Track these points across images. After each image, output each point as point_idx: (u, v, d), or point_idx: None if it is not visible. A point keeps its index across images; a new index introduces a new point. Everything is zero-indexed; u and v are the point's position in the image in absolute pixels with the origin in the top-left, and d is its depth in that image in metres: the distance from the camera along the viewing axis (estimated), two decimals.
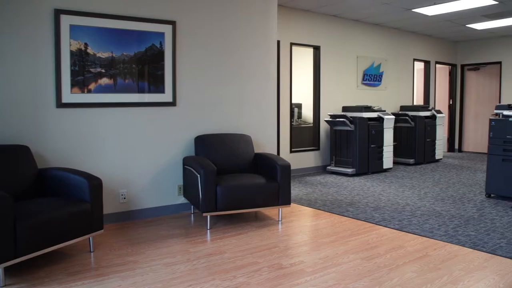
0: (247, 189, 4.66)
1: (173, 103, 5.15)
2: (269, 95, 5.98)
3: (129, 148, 4.88)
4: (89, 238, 3.88)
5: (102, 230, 3.91)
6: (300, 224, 4.94)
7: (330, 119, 8.21)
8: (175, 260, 3.72)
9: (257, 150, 5.64)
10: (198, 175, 4.51)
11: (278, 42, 7.56)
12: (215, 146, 5.19)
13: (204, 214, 4.53)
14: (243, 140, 5.41)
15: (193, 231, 4.56)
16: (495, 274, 3.44)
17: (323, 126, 8.66)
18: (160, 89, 5.05)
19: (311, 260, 3.73)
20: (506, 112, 6.17)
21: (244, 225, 4.81)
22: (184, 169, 5.13)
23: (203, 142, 5.19)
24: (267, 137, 5.97)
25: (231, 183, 4.62)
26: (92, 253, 3.88)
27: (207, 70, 5.40)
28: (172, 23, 5.06)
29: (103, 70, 4.65)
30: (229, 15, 5.54)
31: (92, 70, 4.57)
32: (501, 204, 5.83)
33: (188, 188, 5.01)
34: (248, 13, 5.70)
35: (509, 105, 6.36)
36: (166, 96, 5.10)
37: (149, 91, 4.98)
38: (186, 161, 5.06)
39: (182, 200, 5.30)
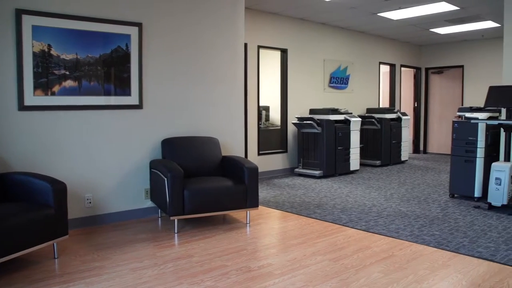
0: (214, 192, 4.64)
1: (139, 106, 5.09)
2: (237, 98, 5.98)
3: (95, 151, 4.80)
4: (53, 244, 3.79)
5: (67, 236, 3.83)
6: (268, 226, 4.94)
7: (298, 122, 8.26)
8: (142, 264, 3.67)
9: (224, 153, 5.62)
10: (165, 179, 4.46)
11: (246, 44, 7.57)
12: (182, 149, 5.15)
13: (172, 218, 4.49)
14: (211, 143, 5.38)
15: (161, 235, 4.52)
16: (458, 272, 3.51)
17: (291, 129, 8.70)
18: (126, 92, 4.99)
19: (279, 263, 3.74)
20: (468, 115, 6.32)
21: (212, 228, 4.79)
22: (151, 173, 5.07)
23: (170, 145, 5.14)
24: (235, 140, 5.96)
25: (199, 186, 4.59)
26: (56, 260, 3.79)
27: (174, 72, 5.36)
28: (138, 25, 5.01)
29: (67, 72, 4.55)
30: (197, 18, 5.52)
31: (56, 72, 4.48)
32: (464, 204, 5.96)
33: (155, 192, 4.95)
34: (215, 16, 5.69)
35: (471, 107, 6.53)
36: (133, 99, 5.04)
37: (115, 94, 4.91)
38: (153, 164, 5.00)
39: (149, 204, 5.23)
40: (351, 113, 8.75)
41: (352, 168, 8.59)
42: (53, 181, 3.74)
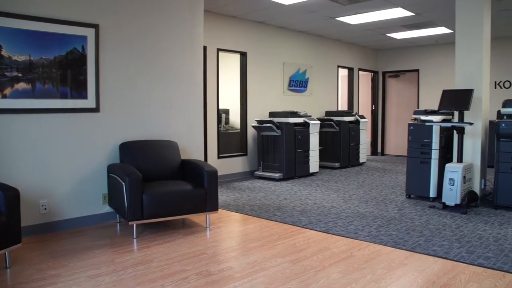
0: (173, 196, 4.59)
1: (96, 109, 4.99)
2: (196, 101, 5.94)
3: (50, 156, 4.67)
4: (5, 253, 3.65)
5: (20, 244, 3.70)
6: (228, 229, 4.93)
7: (257, 125, 8.28)
8: (100, 271, 3.59)
9: (184, 156, 5.58)
10: (123, 183, 4.39)
11: (205, 47, 7.54)
12: (140, 153, 5.08)
13: (130, 223, 4.41)
14: (170, 147, 5.33)
15: (119, 241, 4.43)
16: (414, 271, 3.59)
17: (251, 132, 8.72)
18: (83, 95, 4.88)
19: (239, 266, 3.73)
20: (423, 117, 6.50)
21: (172, 232, 4.74)
22: (109, 177, 4.98)
23: (128, 149, 5.06)
24: (194, 143, 5.92)
25: (157, 190, 4.54)
26: (8, 269, 3.65)
27: (132, 75, 5.29)
28: (95, 26, 4.91)
29: (19, 74, 4.41)
30: (156, 21, 5.46)
31: (7, 74, 4.33)
32: (420, 204, 6.11)
33: (113, 197, 4.86)
34: (174, 19, 5.64)
35: (425, 110, 6.71)
36: (89, 102, 4.93)
37: (71, 97, 4.79)
38: (111, 168, 4.91)
39: (107, 209, 5.13)
40: (310, 116, 8.84)
41: (311, 170, 8.68)
42: (4, 188, 3.62)
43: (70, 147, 4.81)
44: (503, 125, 5.73)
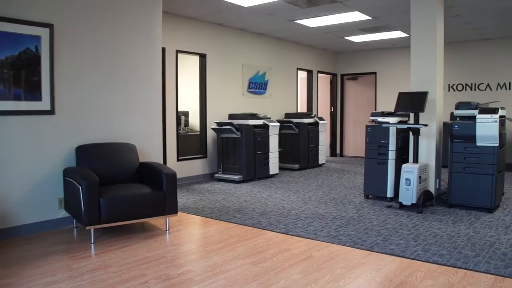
0: (132, 200, 4.52)
1: (51, 112, 4.85)
2: (154, 103, 5.86)
3: (2, 160, 4.50)
4: None
5: None
6: (188, 233, 4.89)
7: (217, 127, 8.25)
8: (56, 278, 3.49)
9: (142, 159, 5.49)
10: (80, 187, 4.28)
11: (164, 49, 7.46)
12: (97, 156, 4.97)
13: (88, 228, 4.31)
14: (128, 149, 5.25)
15: (76, 246, 4.32)
16: (372, 269, 3.66)
17: (210, 134, 8.68)
18: (37, 97, 4.73)
19: (199, 269, 3.70)
20: (380, 119, 6.62)
21: (131, 236, 4.66)
22: (65, 181, 4.85)
23: (85, 152, 4.95)
24: (153, 146, 5.84)
25: (115, 194, 4.45)
26: None
27: (89, 77, 5.17)
28: (50, 26, 4.77)
29: None
30: (113, 21, 5.36)
31: None
32: (377, 204, 6.23)
33: (69, 201, 4.74)
34: (132, 20, 5.56)
35: (382, 112, 6.84)
36: (44, 104, 4.79)
37: (25, 99, 4.64)
38: (67, 172, 4.79)
39: (63, 214, 4.99)
40: (269, 118, 8.88)
41: (271, 172, 8.71)
42: None
43: (24, 151, 4.66)
44: (456, 126, 5.91)
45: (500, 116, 5.68)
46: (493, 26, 8.87)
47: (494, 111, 5.65)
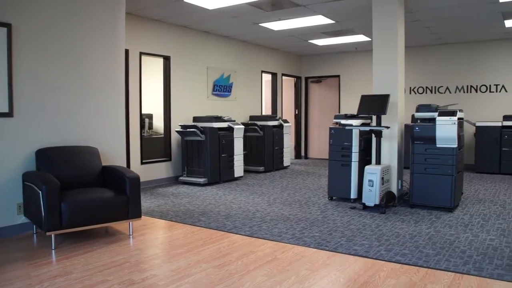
0: (94, 204, 4.43)
1: (9, 114, 4.70)
2: (117, 106, 5.77)
3: None
4: None
5: None
6: (152, 237, 4.82)
7: (181, 130, 8.19)
8: (14, 287, 3.37)
9: (105, 162, 5.38)
10: (40, 192, 4.17)
11: (127, 51, 7.36)
12: (58, 160, 4.85)
13: (48, 233, 4.20)
14: (90, 153, 5.14)
15: (36, 253, 4.20)
16: (336, 270, 3.69)
17: (175, 137, 8.60)
18: None
19: (164, 273, 3.66)
20: (343, 121, 6.70)
21: (93, 242, 4.56)
22: (24, 186, 4.71)
23: (45, 156, 4.82)
24: (116, 149, 5.74)
25: (77, 198, 4.36)
26: None
27: (51, 79, 5.04)
28: (7, 26, 4.63)
29: None
30: (76, 22, 5.24)
31: None
32: (341, 206, 6.29)
33: (29, 206, 4.61)
34: (95, 21, 5.45)
35: (345, 114, 6.93)
36: (1, 106, 4.64)
37: None
38: (26, 176, 4.65)
39: (22, 219, 4.84)
40: (234, 121, 8.86)
41: (236, 174, 8.70)
42: None
43: None
44: (417, 128, 6.04)
45: (459, 118, 5.84)
46: (451, 31, 9.14)
47: (452, 113, 5.80)
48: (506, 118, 9.40)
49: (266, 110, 12.09)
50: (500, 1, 6.75)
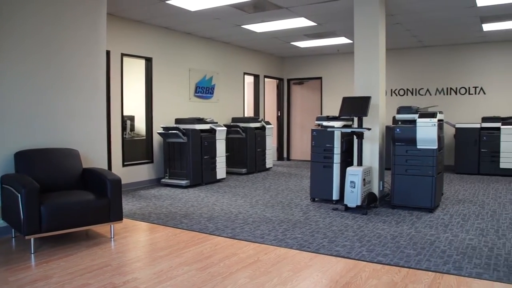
0: (74, 207, 4.38)
1: None
2: (98, 107, 5.71)
3: None
4: None
5: None
6: (133, 239, 4.79)
7: (163, 132, 8.14)
8: None
9: (86, 165, 5.32)
10: (19, 195, 4.10)
11: (108, 52, 7.30)
12: (38, 162, 4.79)
13: (27, 237, 4.14)
14: (70, 155, 5.08)
15: (15, 257, 4.13)
16: (318, 271, 3.70)
17: (157, 139, 8.55)
18: None
19: (145, 276, 3.63)
20: (325, 123, 6.74)
21: (74, 245, 4.51)
22: (3, 189, 4.63)
23: (24, 158, 4.75)
24: (97, 151, 5.68)
25: (57, 201, 4.30)
26: None
27: (31, 80, 4.97)
28: None
29: None
30: (56, 23, 5.18)
31: None
32: (323, 207, 6.32)
33: (7, 210, 4.53)
34: (76, 22, 5.39)
35: (327, 116, 6.97)
36: None
37: None
38: (5, 179, 4.58)
39: (1, 223, 4.75)
40: (216, 123, 8.85)
41: (218, 176, 8.68)
42: None
43: None
44: (397, 130, 6.10)
45: (439, 120, 5.91)
46: (431, 34, 9.26)
47: (432, 115, 5.87)
48: (484, 119, 9.57)
49: (249, 112, 12.09)
50: (478, 5, 6.86)
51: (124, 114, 8.08)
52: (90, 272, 3.72)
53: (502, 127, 9.19)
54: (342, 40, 9.89)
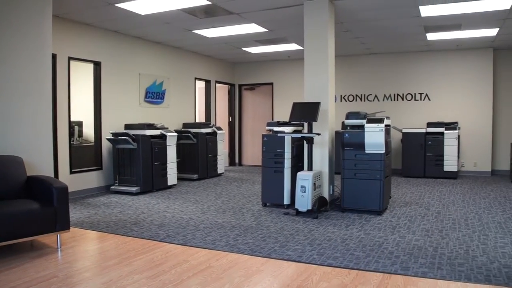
0: (17, 217, 4.20)
1: None
2: (44, 113, 5.50)
3: None
4: None
5: None
6: (82, 249, 4.66)
7: (112, 138, 7.98)
8: None
9: (30, 172, 5.12)
10: None
11: (55, 55, 7.08)
12: None
13: None
14: (13, 162, 4.87)
15: None
16: (270, 276, 3.72)
17: (106, 145, 8.37)
18: None
19: (94, 286, 3.54)
20: (276, 128, 6.79)
21: (17, 257, 4.32)
22: None
23: None
24: (42, 158, 5.47)
25: None
26: None
27: None
28: None
29: None
30: None
31: None
32: (275, 212, 6.36)
33: None
34: (19, 23, 5.19)
35: (278, 122, 7.03)
36: None
37: None
38: None
39: None
40: (167, 128, 8.75)
41: (169, 183, 8.58)
42: None
43: None
44: (346, 135, 6.22)
45: (386, 125, 6.07)
46: (379, 42, 9.53)
47: (380, 120, 6.03)
48: (429, 125, 9.92)
49: (200, 118, 12.02)
50: (422, 15, 7.12)
51: (72, 119, 7.87)
52: (35, 285, 3.59)
53: (445, 131, 9.58)
54: (293, 47, 10.02)
